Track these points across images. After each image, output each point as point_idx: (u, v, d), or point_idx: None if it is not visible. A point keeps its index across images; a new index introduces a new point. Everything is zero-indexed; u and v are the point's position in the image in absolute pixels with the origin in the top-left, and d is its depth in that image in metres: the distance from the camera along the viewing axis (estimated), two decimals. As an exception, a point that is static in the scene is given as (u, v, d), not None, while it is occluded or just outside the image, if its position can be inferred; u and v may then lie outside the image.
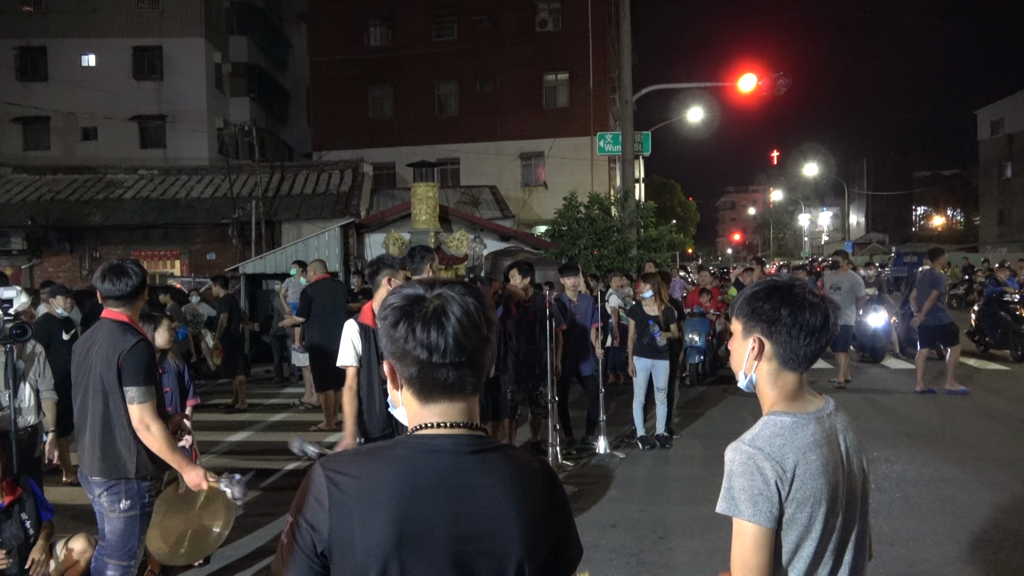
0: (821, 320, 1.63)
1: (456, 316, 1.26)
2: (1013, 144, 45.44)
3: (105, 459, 3.34)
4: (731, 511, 1.58)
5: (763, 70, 16.01)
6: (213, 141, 27.57)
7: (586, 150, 25.36)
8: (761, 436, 1.62)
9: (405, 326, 1.26)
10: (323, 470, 1.25)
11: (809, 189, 66.69)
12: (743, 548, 1.57)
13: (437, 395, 1.29)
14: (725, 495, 1.60)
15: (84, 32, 27.27)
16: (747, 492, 1.56)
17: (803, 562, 1.60)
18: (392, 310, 1.28)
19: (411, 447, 1.27)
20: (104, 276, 3.37)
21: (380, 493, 1.22)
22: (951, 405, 8.93)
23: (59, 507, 4.50)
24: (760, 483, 1.55)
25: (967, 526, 5.04)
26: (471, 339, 1.26)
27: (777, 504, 1.55)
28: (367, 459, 1.28)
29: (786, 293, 1.66)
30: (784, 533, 1.58)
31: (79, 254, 17.30)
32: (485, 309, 1.30)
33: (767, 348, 1.68)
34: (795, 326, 1.63)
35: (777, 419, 1.65)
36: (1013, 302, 12.43)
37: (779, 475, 1.56)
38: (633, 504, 5.68)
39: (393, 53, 28.31)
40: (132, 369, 3.27)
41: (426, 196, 14.70)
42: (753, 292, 1.72)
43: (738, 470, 1.59)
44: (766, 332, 1.67)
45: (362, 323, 4.12)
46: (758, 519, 1.55)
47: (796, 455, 1.58)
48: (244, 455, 7.31)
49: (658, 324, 7.20)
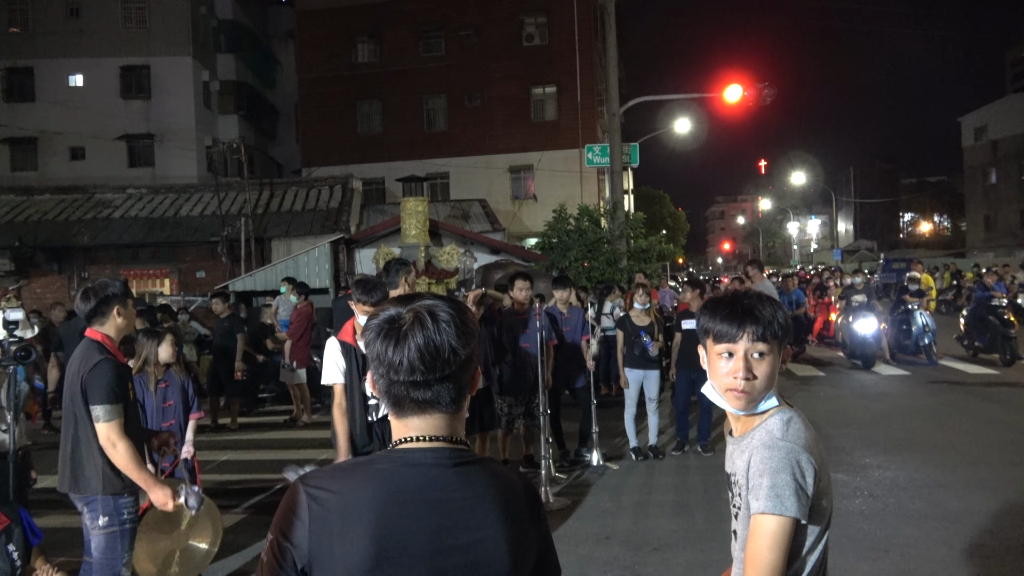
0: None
1: (416, 341, 1.25)
2: (997, 150, 45.98)
3: (74, 476, 3.41)
4: (778, 509, 1.57)
5: (749, 81, 16.16)
6: (202, 159, 27.54)
7: (575, 162, 25.45)
8: (791, 431, 1.66)
9: (376, 345, 1.28)
10: (303, 486, 1.25)
11: (797, 198, 67.13)
12: (769, 546, 1.57)
13: (409, 411, 1.30)
14: (769, 493, 1.58)
15: (71, 52, 27.25)
16: (791, 487, 1.58)
17: (819, 550, 1.65)
18: (368, 330, 1.31)
19: (391, 461, 1.27)
20: (78, 297, 3.53)
21: (360, 508, 1.21)
22: (942, 411, 8.97)
23: (49, 531, 4.45)
24: (800, 477, 1.59)
25: (960, 531, 5.04)
26: (428, 363, 1.26)
27: (811, 497, 1.60)
28: (347, 474, 1.28)
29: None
30: (811, 523, 1.62)
31: (67, 274, 17.21)
32: (461, 325, 1.29)
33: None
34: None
35: (791, 414, 1.70)
36: (1001, 307, 12.52)
37: (814, 467, 1.61)
38: (626, 516, 5.67)
39: (381, 69, 28.40)
40: (95, 387, 3.32)
41: (416, 211, 14.71)
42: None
43: (781, 466, 1.60)
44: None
45: (343, 341, 4.14)
46: (800, 512, 1.58)
47: (818, 446, 1.66)
48: (233, 472, 7.25)
49: (649, 335, 7.22)
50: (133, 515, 3.52)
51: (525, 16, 27.93)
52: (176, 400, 4.87)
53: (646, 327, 7.27)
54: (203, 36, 29.35)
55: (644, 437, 7.47)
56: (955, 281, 23.82)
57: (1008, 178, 45.16)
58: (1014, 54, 70.86)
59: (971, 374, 11.57)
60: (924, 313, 12.71)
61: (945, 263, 31.14)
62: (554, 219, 16.64)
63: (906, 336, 12.71)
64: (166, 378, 4.89)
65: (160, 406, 4.81)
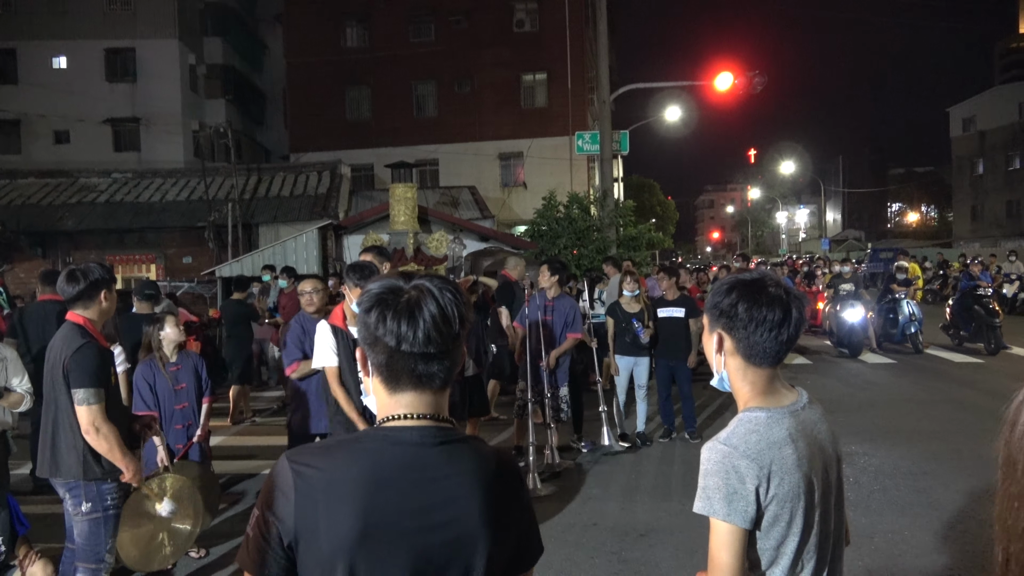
0: (780, 315, 1.60)
1: (430, 309, 1.27)
2: (984, 141, 46.24)
3: (55, 461, 3.37)
4: (706, 510, 1.57)
5: (739, 69, 16.11)
6: (188, 144, 27.27)
7: (565, 150, 25.39)
8: (736, 434, 1.60)
9: (378, 312, 1.27)
10: (289, 462, 1.26)
11: (786, 187, 67.31)
12: (717, 547, 1.56)
13: (404, 385, 1.30)
14: (701, 494, 1.58)
15: (55, 34, 26.86)
16: (722, 491, 1.54)
17: (787, 558, 1.58)
18: (369, 297, 1.30)
19: (377, 439, 1.28)
20: (61, 280, 3.45)
21: (346, 485, 1.22)
22: (928, 399, 9.04)
23: (34, 518, 4.41)
24: (735, 482, 1.54)
25: (944, 518, 5.09)
26: (442, 333, 1.27)
27: (753, 503, 1.53)
28: (333, 451, 1.29)
29: (745, 288, 1.64)
30: (767, 532, 1.57)
31: (52, 259, 17.00)
32: (460, 305, 1.31)
33: (728, 343, 1.67)
34: (752, 321, 1.61)
35: (752, 415, 1.63)
36: (986, 296, 12.62)
37: (756, 473, 1.54)
38: (614, 502, 5.68)
39: (370, 54, 28.17)
40: (78, 371, 3.26)
41: (405, 197, 14.65)
42: (716, 288, 1.72)
43: (713, 469, 1.57)
44: (726, 327, 1.66)
45: (333, 324, 4.11)
46: (733, 519, 1.53)
47: (772, 451, 1.56)
48: (223, 459, 7.21)
49: (640, 322, 7.22)
50: (116, 501, 3.49)
51: (516, 2, 27.76)
52: (189, 383, 4.78)
53: (636, 314, 7.28)
54: (189, 19, 28.98)
55: (632, 424, 7.49)
56: (941, 271, 24.02)
57: (995, 169, 45.47)
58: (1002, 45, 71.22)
59: (956, 363, 11.67)
60: (911, 302, 12.79)
61: (938, 252, 31.35)
62: (544, 207, 16.61)
63: (893, 325, 12.80)
64: (179, 360, 4.81)
65: (173, 388, 4.73)
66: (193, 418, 4.81)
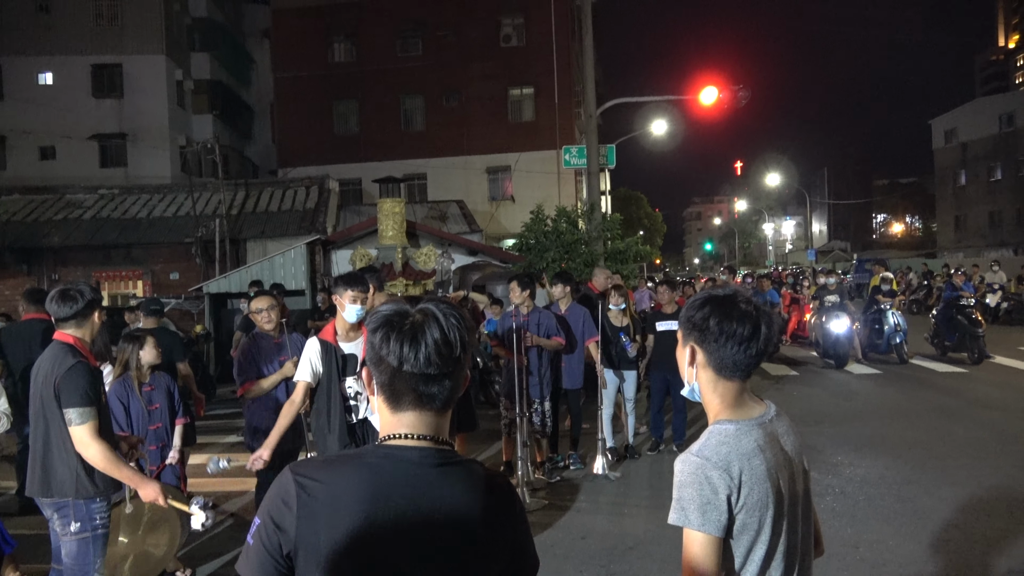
0: (750, 330, 1.66)
1: (432, 333, 1.32)
2: (967, 152, 46.85)
3: (46, 480, 3.35)
4: (681, 521, 1.61)
5: (724, 83, 16.28)
6: (176, 159, 27.18)
7: (552, 163, 25.51)
8: (708, 446, 1.65)
9: (383, 333, 1.32)
10: (292, 474, 1.30)
11: (772, 199, 67.79)
12: (692, 556, 1.60)
13: (406, 404, 1.34)
14: (675, 506, 1.62)
15: (41, 49, 26.75)
16: (696, 502, 1.59)
17: (755, 565, 1.62)
18: (377, 318, 1.36)
19: (379, 456, 1.33)
20: (53, 299, 3.45)
21: (347, 499, 1.26)
22: (913, 409, 9.13)
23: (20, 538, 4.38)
24: (708, 492, 1.58)
25: (928, 527, 5.15)
26: (443, 356, 1.32)
27: (726, 512, 1.58)
28: (336, 466, 1.33)
29: (718, 303, 1.70)
30: (736, 539, 1.61)
31: (37, 276, 16.88)
32: (462, 331, 1.36)
33: (699, 356, 1.72)
34: (722, 335, 1.66)
35: (722, 427, 1.68)
36: (969, 306, 12.77)
37: (727, 483, 1.58)
38: (603, 515, 5.71)
39: (358, 68, 28.25)
40: (68, 391, 3.26)
41: (393, 212, 14.68)
42: (690, 302, 1.77)
43: (687, 480, 1.62)
44: (698, 340, 1.72)
45: (323, 340, 4.13)
46: (707, 528, 1.58)
47: (741, 462, 1.61)
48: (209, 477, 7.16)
49: (628, 335, 7.27)
50: (106, 520, 3.47)
51: (503, 17, 27.94)
52: (162, 403, 4.81)
53: (624, 328, 7.33)
54: (176, 34, 28.97)
55: (621, 437, 7.52)
56: (925, 281, 24.27)
57: (977, 180, 46.05)
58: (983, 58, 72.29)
59: (940, 372, 11.78)
60: (896, 313, 12.92)
61: (923, 262, 31.68)
62: (531, 220, 16.67)
63: (878, 335, 12.92)
64: (151, 381, 4.83)
65: (146, 409, 4.74)
66: (167, 439, 4.81)
